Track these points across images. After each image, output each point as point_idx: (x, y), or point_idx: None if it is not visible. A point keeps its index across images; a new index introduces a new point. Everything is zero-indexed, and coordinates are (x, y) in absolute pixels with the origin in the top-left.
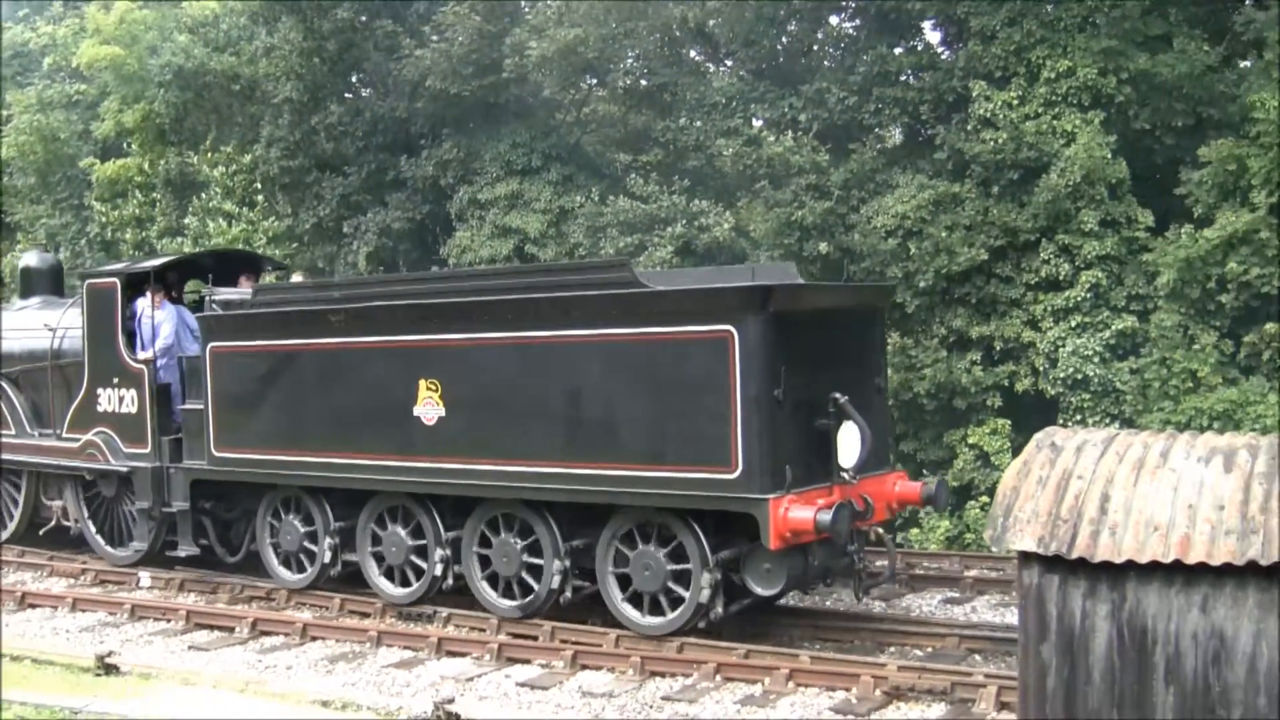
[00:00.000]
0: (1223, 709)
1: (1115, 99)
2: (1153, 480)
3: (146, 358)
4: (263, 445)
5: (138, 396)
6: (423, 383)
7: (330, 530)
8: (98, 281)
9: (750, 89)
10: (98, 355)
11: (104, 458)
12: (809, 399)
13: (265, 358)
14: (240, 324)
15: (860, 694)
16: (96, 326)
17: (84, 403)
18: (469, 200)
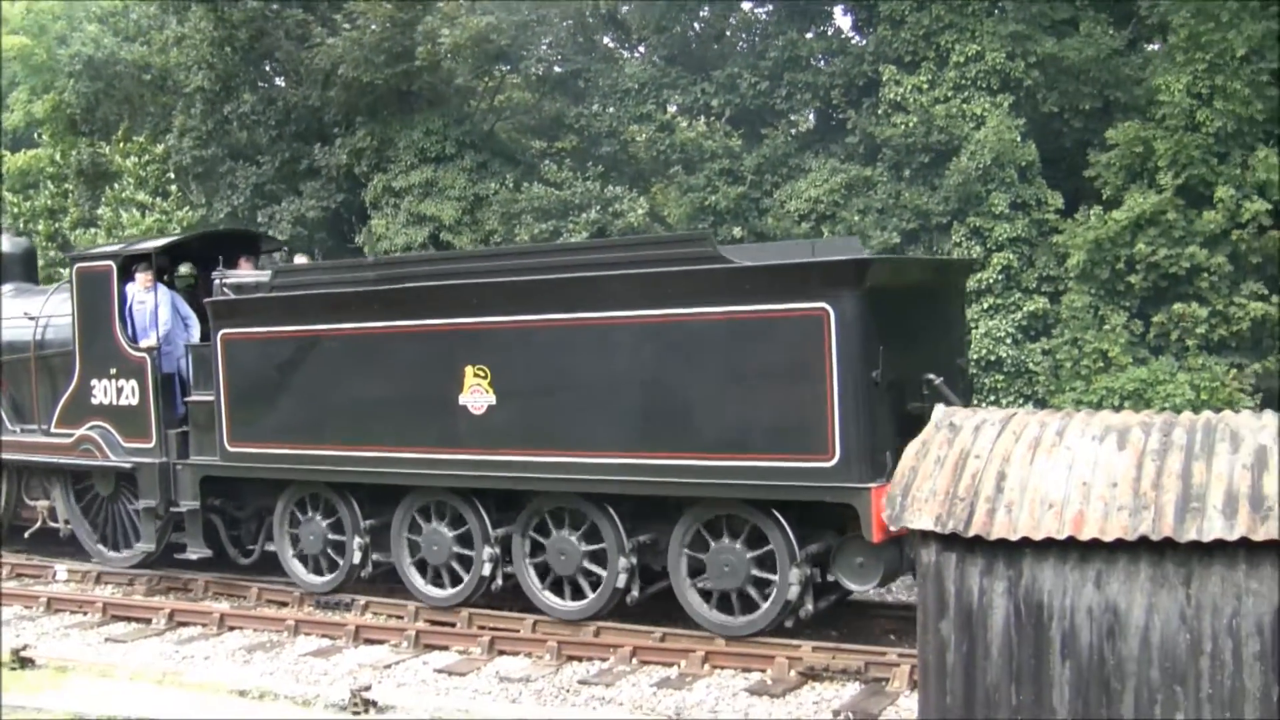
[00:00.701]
0: (1117, 681)
1: (1024, 83)
2: (1049, 458)
3: (150, 345)
4: (283, 439)
5: (139, 387)
6: (470, 369)
7: (360, 529)
8: (90, 265)
9: (663, 75)
10: (91, 344)
11: (101, 454)
12: (901, 381)
13: (286, 344)
14: (257, 308)
15: (775, 675)
16: (89, 313)
17: (75, 395)
18: (383, 188)
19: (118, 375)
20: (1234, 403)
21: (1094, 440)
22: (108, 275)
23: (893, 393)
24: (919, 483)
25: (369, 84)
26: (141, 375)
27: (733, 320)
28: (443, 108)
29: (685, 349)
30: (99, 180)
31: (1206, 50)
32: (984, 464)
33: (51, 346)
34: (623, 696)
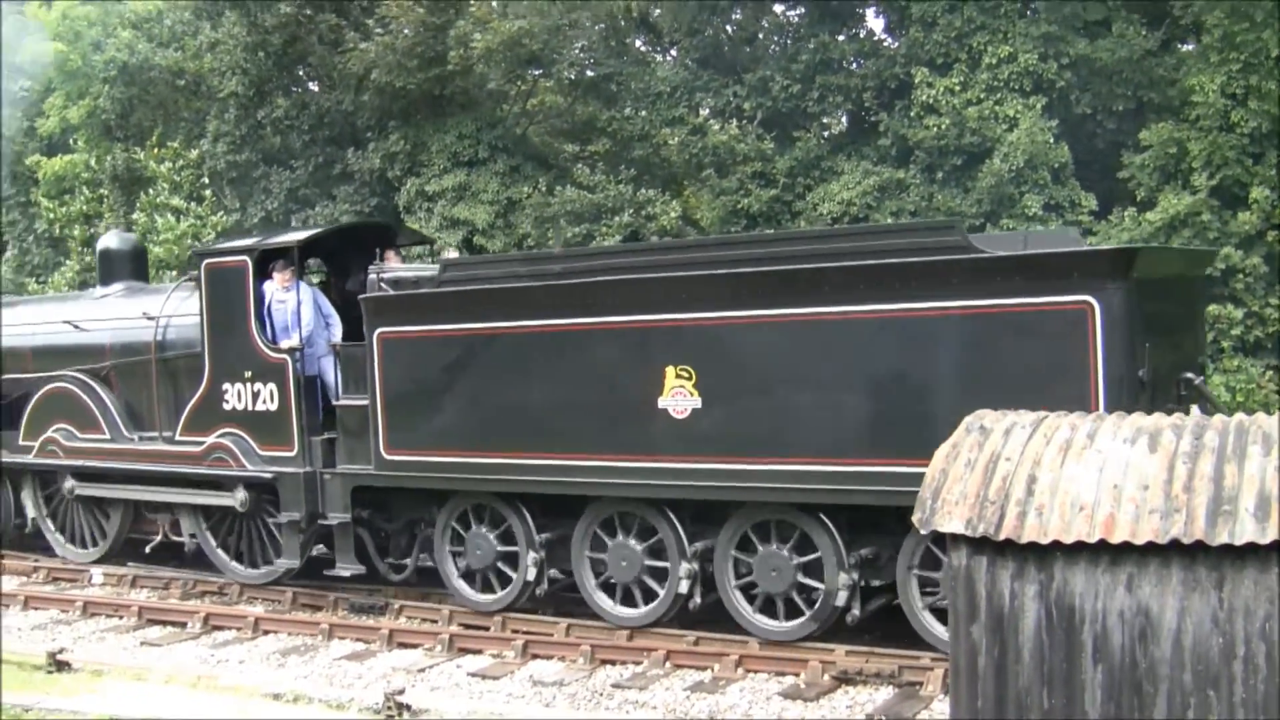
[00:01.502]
0: (1149, 684)
1: (1056, 84)
2: (1079, 461)
3: (291, 345)
4: (448, 446)
5: (278, 391)
6: (671, 370)
7: (534, 543)
8: (222, 260)
9: (695, 78)
10: (223, 345)
11: (236, 463)
12: (1156, 379)
13: (455, 344)
14: (422, 305)
15: (809, 679)
16: (221, 312)
17: (204, 401)
18: (416, 192)
19: (254, 378)
20: (1269, 404)
21: (1125, 443)
22: (242, 271)
23: (1152, 393)
24: (949, 486)
25: (402, 88)
26: (281, 378)
27: (982, 315)
28: (475, 112)
29: (925, 346)
30: (134, 185)
31: (1241, 50)
32: (1014, 467)
33: (174, 348)
34: (656, 700)
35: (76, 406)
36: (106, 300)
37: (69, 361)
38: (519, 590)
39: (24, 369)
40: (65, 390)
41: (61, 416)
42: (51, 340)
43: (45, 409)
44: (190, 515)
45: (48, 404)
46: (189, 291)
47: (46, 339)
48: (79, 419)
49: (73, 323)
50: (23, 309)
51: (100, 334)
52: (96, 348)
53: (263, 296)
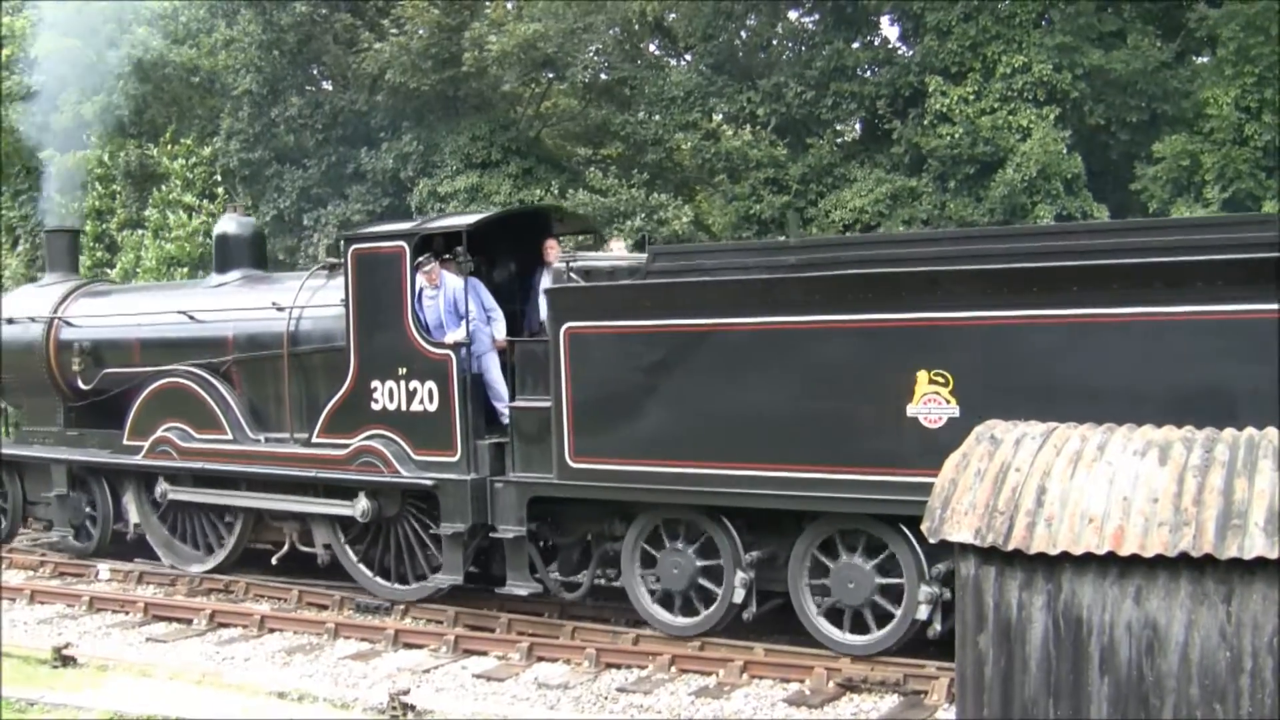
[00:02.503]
0: (1156, 698)
1: (1070, 95)
2: (1089, 473)
3: (457, 339)
4: (646, 454)
5: (438, 390)
6: (924, 374)
7: (742, 562)
8: (374, 246)
9: (709, 83)
10: (373, 339)
11: (389, 468)
12: None
13: (660, 340)
14: (625, 298)
15: (813, 686)
16: (371, 302)
17: (348, 400)
18: (429, 193)
19: (409, 376)
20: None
21: (1135, 455)
22: (397, 258)
23: None
24: (959, 495)
25: (415, 89)
26: (443, 376)
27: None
28: (489, 114)
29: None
30: (146, 182)
31: (1255, 64)
32: (1024, 477)
33: (308, 342)
34: (661, 705)
35: (193, 404)
36: (225, 290)
37: (183, 355)
38: (723, 612)
39: (129, 362)
40: (180, 386)
41: (175, 414)
42: (162, 332)
43: (156, 406)
44: (325, 524)
45: (159, 401)
46: (322, 280)
47: (156, 330)
48: (196, 417)
49: (188, 313)
50: (127, 298)
51: (221, 326)
52: (216, 341)
53: (416, 285)
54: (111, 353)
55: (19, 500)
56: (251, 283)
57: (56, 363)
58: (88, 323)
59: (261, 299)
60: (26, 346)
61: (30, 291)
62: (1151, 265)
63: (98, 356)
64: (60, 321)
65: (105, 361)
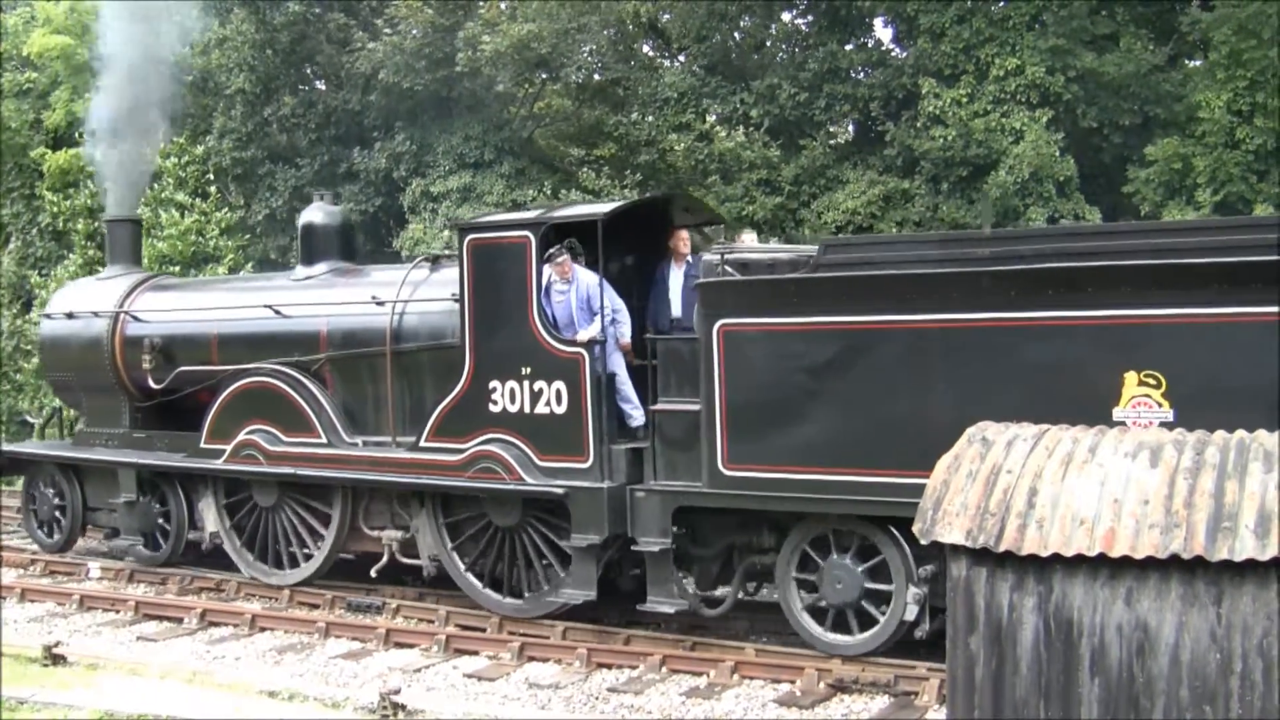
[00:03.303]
0: (1146, 700)
1: (1063, 97)
2: (1080, 475)
3: (591, 336)
4: (813, 460)
5: (568, 391)
6: (1132, 376)
7: (915, 577)
8: (495, 236)
9: (702, 84)
10: (492, 336)
11: (511, 475)
12: None
13: (831, 339)
14: (791, 293)
15: (804, 686)
16: (491, 297)
17: (463, 401)
18: (422, 193)
19: (534, 375)
20: None
21: (1126, 457)
22: (521, 250)
23: None
24: (950, 497)
25: (409, 89)
26: (573, 376)
27: None
28: (482, 114)
29: None
30: None
31: (1247, 68)
32: (1016, 479)
33: (415, 339)
34: (651, 705)
35: (282, 405)
36: (314, 283)
37: (267, 353)
38: (893, 630)
39: (206, 360)
40: (267, 386)
41: (260, 416)
42: (244, 328)
43: (239, 407)
44: (431, 533)
45: (243, 401)
46: (425, 273)
47: (237, 326)
48: (284, 419)
49: (274, 308)
50: (201, 291)
51: (312, 321)
52: (306, 337)
53: (542, 278)
54: (185, 350)
55: (78, 506)
56: (343, 275)
57: (123, 360)
58: (157, 318)
59: (359, 293)
60: (89, 343)
61: (89, 285)
62: None
63: (169, 354)
64: (127, 316)
65: (177, 359)
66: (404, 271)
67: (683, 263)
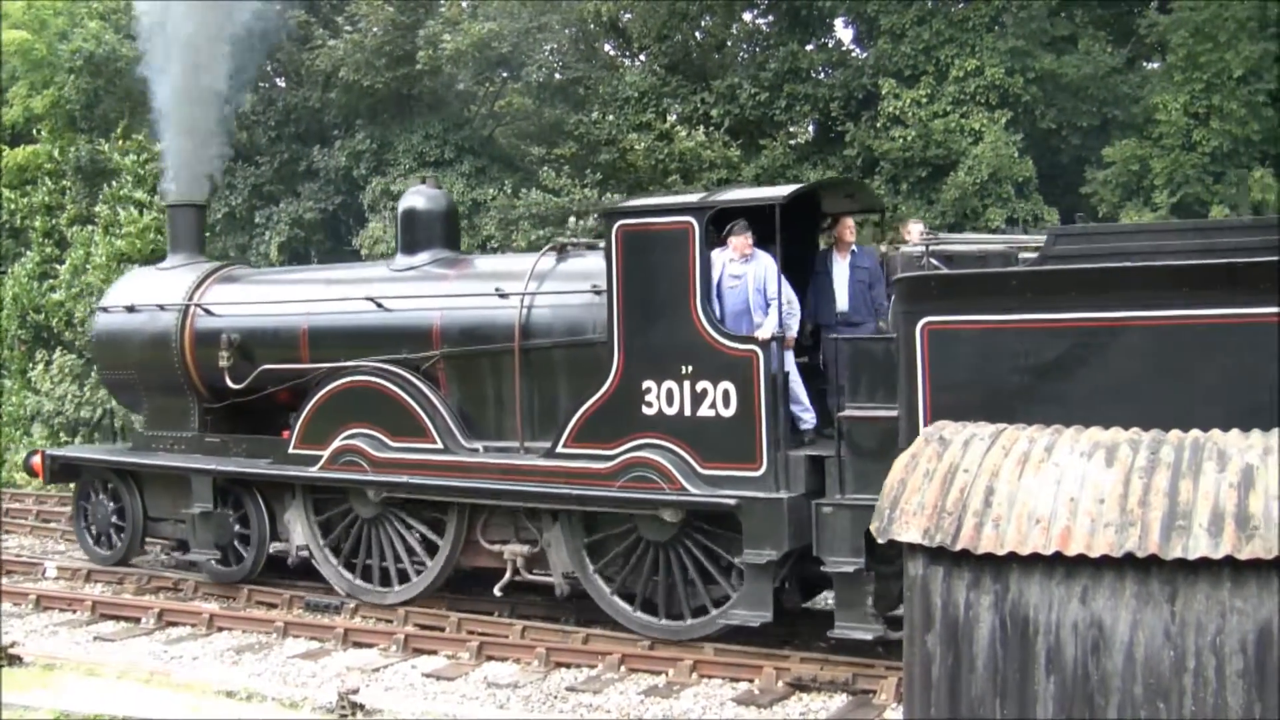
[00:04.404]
0: (1101, 697)
1: (1022, 98)
2: (1036, 474)
3: (768, 332)
4: None
5: (737, 392)
6: None
7: None
8: (651, 222)
9: (663, 84)
10: (647, 331)
11: (671, 484)
12: None
13: (1055, 338)
14: (1005, 288)
15: (763, 685)
16: (645, 288)
17: (611, 402)
18: (382, 191)
19: (696, 375)
20: None
21: (1082, 456)
22: (683, 237)
23: None
24: (907, 496)
25: (369, 87)
26: (744, 375)
27: None
28: (442, 112)
29: None
30: (97, 177)
31: (1204, 70)
32: (972, 478)
33: (547, 334)
34: (610, 704)
35: (389, 406)
36: (420, 273)
37: (367, 349)
38: None
39: (294, 357)
40: (371, 386)
41: (362, 419)
42: (340, 321)
43: (337, 409)
44: (569, 548)
45: (342, 402)
46: (552, 263)
47: (332, 320)
48: (392, 422)
49: (376, 300)
50: (283, 283)
51: (422, 315)
52: (416, 332)
53: (707, 267)
54: (269, 346)
55: (139, 517)
56: (452, 265)
57: (193, 357)
58: (234, 311)
59: (478, 284)
60: (154, 339)
61: (150, 275)
62: None
63: (247, 350)
64: (198, 309)
65: (257, 356)
66: (529, 261)
67: (848, 252)
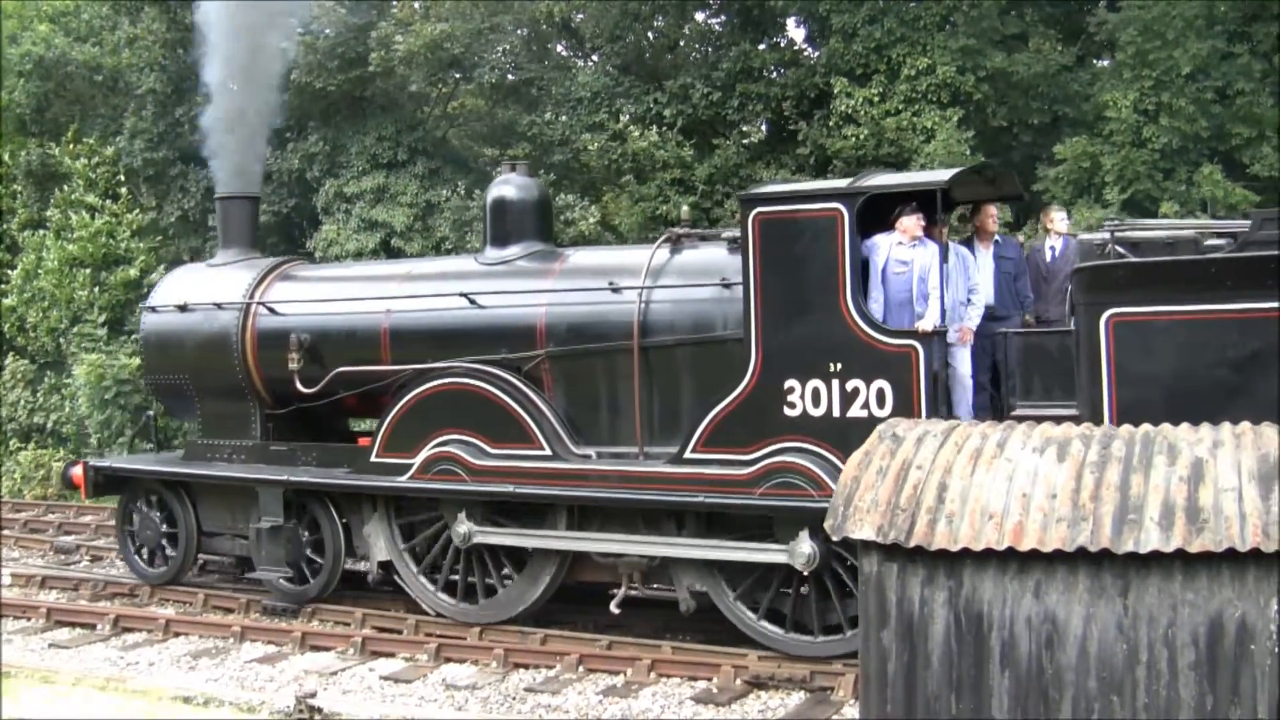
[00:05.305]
0: (1055, 691)
1: (974, 96)
2: (989, 470)
3: (930, 324)
4: None
5: (893, 391)
6: None
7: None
8: (794, 210)
9: (616, 84)
10: (790, 326)
11: (823, 490)
12: None
13: (1262, 329)
14: (1203, 276)
15: (721, 683)
16: (787, 280)
17: (748, 403)
18: (335, 193)
19: (846, 373)
20: None
21: (1034, 452)
22: (831, 225)
23: None
24: (861, 493)
25: (322, 89)
26: (901, 373)
27: None
28: (395, 114)
29: None
30: (48, 181)
31: (1153, 68)
32: (925, 475)
33: (670, 331)
34: (569, 704)
35: (488, 410)
36: (512, 268)
37: (460, 349)
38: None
39: (373, 358)
40: (467, 389)
41: (456, 424)
42: (426, 320)
43: (427, 414)
44: (700, 562)
45: (432, 407)
46: (666, 255)
47: (417, 318)
48: (492, 428)
49: (469, 296)
50: (357, 282)
51: (522, 312)
52: (516, 330)
53: (857, 256)
54: (344, 347)
55: (193, 531)
56: (549, 259)
57: (255, 360)
58: (301, 310)
59: (586, 279)
60: (211, 340)
61: (201, 271)
62: None
63: (317, 352)
64: (260, 308)
65: (328, 358)
66: (641, 254)
67: (990, 242)
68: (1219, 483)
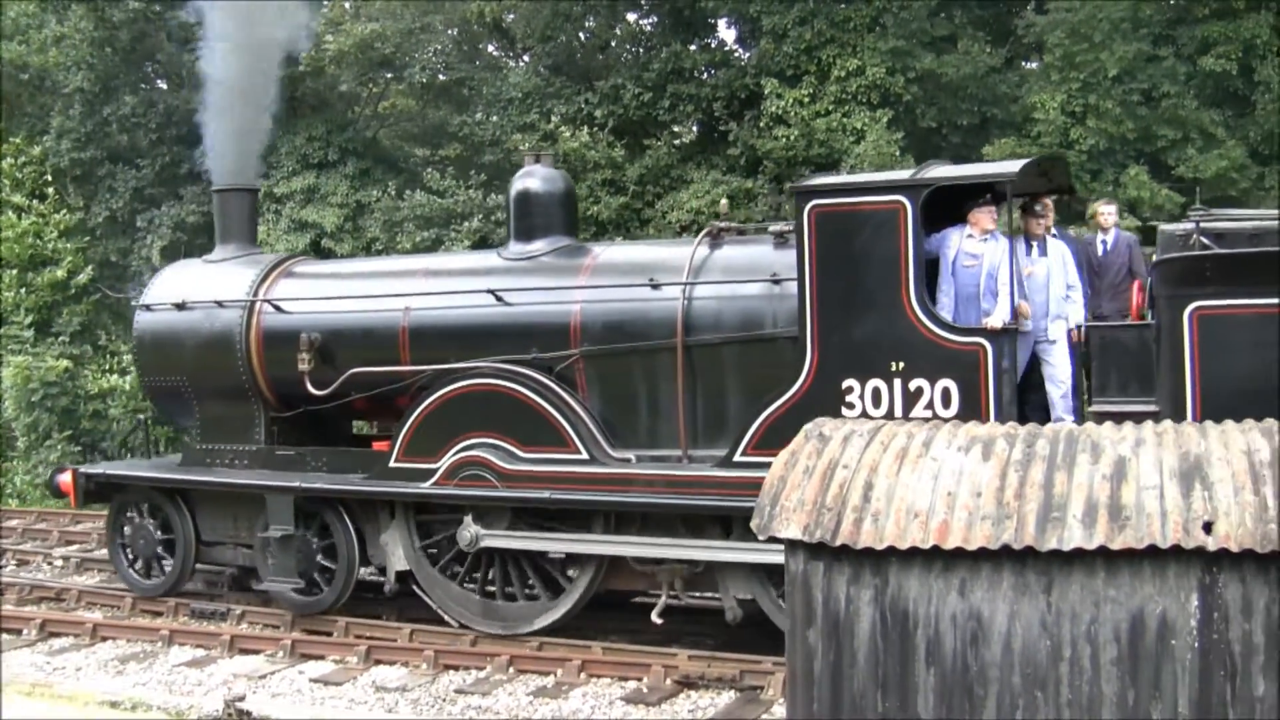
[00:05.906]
0: (980, 688)
1: (903, 98)
2: (915, 469)
3: (999, 320)
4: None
5: (960, 391)
6: None
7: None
8: (854, 202)
9: (547, 84)
10: (848, 323)
11: None
12: None
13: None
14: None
15: (651, 683)
16: (845, 275)
17: (802, 404)
18: (264, 194)
19: (909, 372)
20: None
21: (959, 451)
22: (892, 219)
23: None
24: (787, 492)
25: None
26: (968, 372)
27: None
28: (326, 114)
29: None
30: None
31: (1080, 70)
32: (851, 474)
33: (715, 328)
34: (499, 705)
35: (519, 412)
36: (539, 264)
37: (485, 348)
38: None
39: (391, 358)
40: (496, 389)
41: (485, 427)
42: (449, 318)
43: (451, 416)
44: (750, 569)
45: (457, 409)
46: (706, 250)
47: (438, 316)
48: (522, 430)
49: (495, 293)
50: (371, 278)
51: (554, 309)
52: (548, 328)
53: (930, 253)
54: (358, 347)
55: (191, 541)
56: (577, 254)
57: (260, 360)
58: (310, 307)
59: (623, 275)
60: (212, 339)
61: (199, 268)
62: None
63: (328, 352)
64: (265, 306)
65: (341, 358)
66: (682, 249)
67: (1043, 236)
68: (1141, 480)
